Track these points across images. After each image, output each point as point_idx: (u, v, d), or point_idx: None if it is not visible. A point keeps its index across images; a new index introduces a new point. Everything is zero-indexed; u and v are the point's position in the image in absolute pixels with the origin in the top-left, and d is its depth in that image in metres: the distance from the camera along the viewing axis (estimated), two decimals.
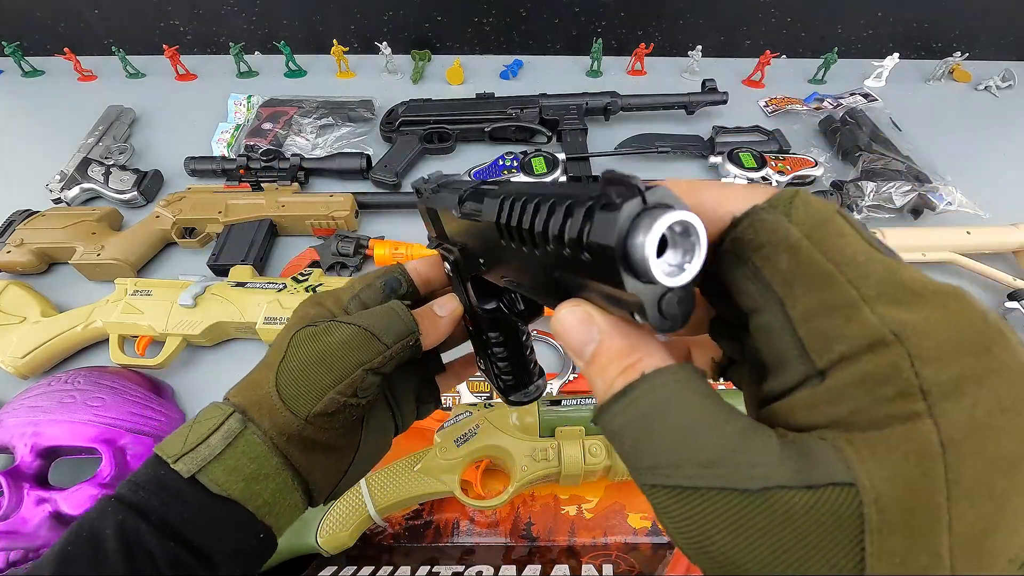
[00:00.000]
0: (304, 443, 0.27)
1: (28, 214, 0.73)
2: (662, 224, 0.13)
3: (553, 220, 0.16)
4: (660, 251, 0.13)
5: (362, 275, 0.34)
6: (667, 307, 0.14)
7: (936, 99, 1.01)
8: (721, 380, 0.21)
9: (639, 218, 0.13)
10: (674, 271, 0.14)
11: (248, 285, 0.63)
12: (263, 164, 0.79)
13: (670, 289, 0.14)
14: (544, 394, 0.36)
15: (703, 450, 0.13)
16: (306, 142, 0.88)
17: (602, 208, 0.14)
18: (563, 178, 0.79)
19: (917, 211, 0.76)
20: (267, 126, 0.88)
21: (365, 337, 0.27)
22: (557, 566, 0.45)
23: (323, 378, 0.26)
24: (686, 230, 0.14)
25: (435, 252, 0.32)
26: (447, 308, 0.30)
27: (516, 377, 0.31)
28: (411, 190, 0.83)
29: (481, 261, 0.26)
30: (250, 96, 0.94)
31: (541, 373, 0.33)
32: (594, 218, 0.14)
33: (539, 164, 0.79)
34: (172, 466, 0.25)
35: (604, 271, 0.14)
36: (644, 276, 0.13)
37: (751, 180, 0.78)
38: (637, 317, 0.14)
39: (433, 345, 0.30)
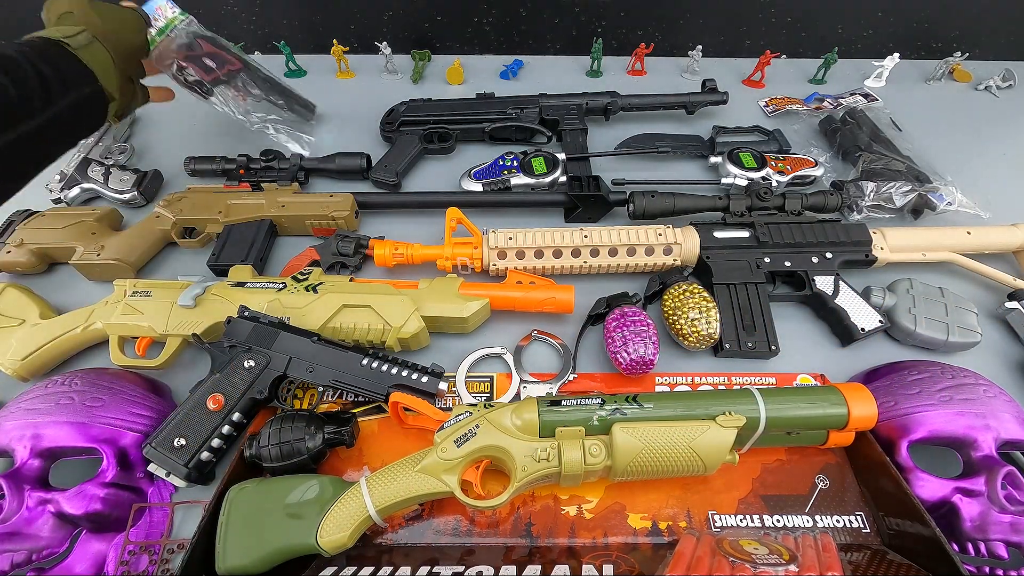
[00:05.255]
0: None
1: (28, 214, 0.73)
2: None
3: None
4: None
5: None
6: None
7: (936, 99, 1.01)
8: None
9: None
10: None
11: (248, 285, 0.63)
12: (263, 164, 0.79)
13: None
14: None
15: None
16: (238, 110, 0.81)
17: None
18: (563, 178, 0.79)
19: (917, 211, 0.76)
20: (209, 63, 0.76)
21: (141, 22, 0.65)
22: (557, 566, 0.45)
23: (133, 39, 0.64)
24: None
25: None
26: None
27: None
28: (412, 190, 0.83)
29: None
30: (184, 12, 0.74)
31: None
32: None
33: (539, 164, 0.79)
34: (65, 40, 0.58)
35: None
36: None
37: (751, 180, 0.78)
38: None
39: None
